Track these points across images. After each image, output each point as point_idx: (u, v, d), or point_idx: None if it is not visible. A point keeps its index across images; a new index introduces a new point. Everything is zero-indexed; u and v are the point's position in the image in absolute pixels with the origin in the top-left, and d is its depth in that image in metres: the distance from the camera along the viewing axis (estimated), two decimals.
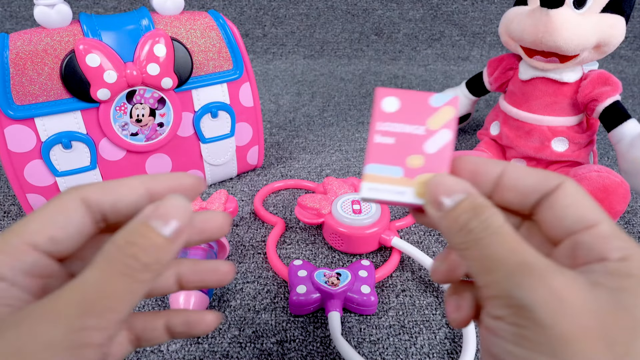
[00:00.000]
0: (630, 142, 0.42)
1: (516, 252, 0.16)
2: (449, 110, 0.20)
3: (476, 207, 0.17)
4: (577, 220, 0.17)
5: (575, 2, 0.42)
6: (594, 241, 0.17)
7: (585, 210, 0.17)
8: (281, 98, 0.75)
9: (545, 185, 0.18)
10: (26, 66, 0.37)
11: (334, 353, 0.32)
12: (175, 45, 0.41)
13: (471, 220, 0.17)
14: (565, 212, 0.18)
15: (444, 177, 0.19)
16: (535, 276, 0.15)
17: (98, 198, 0.18)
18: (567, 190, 0.18)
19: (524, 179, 0.19)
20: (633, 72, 0.90)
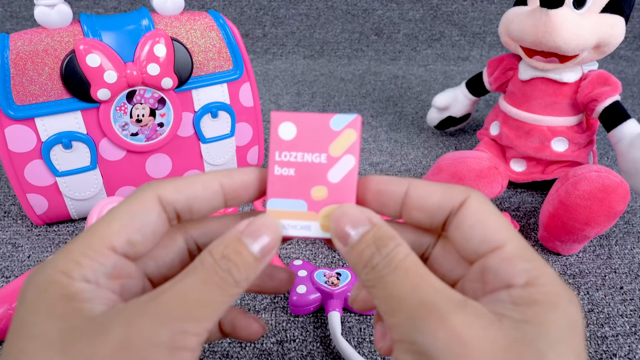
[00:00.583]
0: (630, 142, 0.42)
1: (417, 290, 0.15)
2: (350, 134, 0.19)
3: (379, 239, 0.17)
4: (482, 242, 0.17)
5: (574, 3, 0.42)
6: (499, 265, 0.16)
7: (490, 231, 0.17)
8: (281, 98, 0.75)
9: (450, 202, 0.18)
10: (26, 66, 0.37)
11: (334, 353, 0.32)
12: (176, 46, 0.41)
13: (374, 255, 0.16)
14: (471, 233, 0.17)
15: (347, 208, 0.18)
16: (435, 318, 0.15)
17: (173, 197, 0.18)
18: (472, 207, 0.17)
19: (428, 197, 0.18)
20: (633, 72, 0.90)
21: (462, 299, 0.15)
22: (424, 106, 0.72)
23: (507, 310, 0.15)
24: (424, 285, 0.15)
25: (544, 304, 0.15)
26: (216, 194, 0.18)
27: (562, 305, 0.15)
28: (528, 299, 0.15)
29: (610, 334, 0.34)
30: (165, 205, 0.18)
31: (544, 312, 0.15)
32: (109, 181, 0.43)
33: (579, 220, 0.38)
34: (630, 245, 0.43)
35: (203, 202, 0.18)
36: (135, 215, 0.17)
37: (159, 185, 0.18)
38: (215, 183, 0.18)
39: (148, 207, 0.17)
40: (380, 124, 0.66)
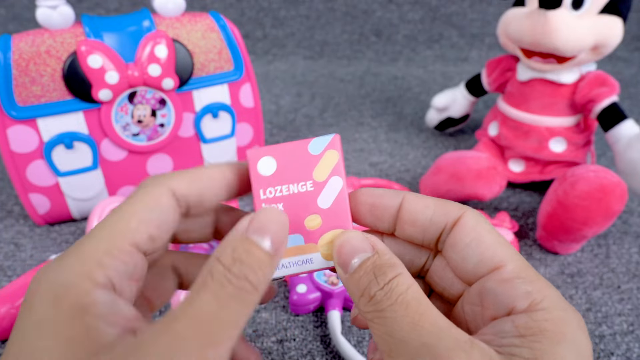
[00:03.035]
0: (628, 143, 0.42)
1: (419, 330, 0.14)
2: (331, 155, 0.18)
3: (378, 267, 0.16)
4: (479, 262, 0.16)
5: (573, 4, 0.42)
6: (498, 287, 0.15)
7: (487, 250, 0.16)
8: (281, 99, 0.75)
9: (443, 218, 0.17)
10: (29, 67, 0.37)
11: (333, 352, 0.33)
12: (177, 46, 0.41)
13: (372, 284, 0.15)
14: (467, 253, 0.16)
15: (349, 234, 0.17)
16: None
17: (186, 191, 0.17)
18: (467, 225, 0.16)
19: (422, 212, 0.17)
20: (630, 73, 0.90)
21: (467, 340, 0.14)
22: (423, 107, 0.72)
23: (514, 345, 0.14)
24: (426, 325, 0.14)
25: (550, 334, 0.14)
26: (224, 186, 0.18)
27: (570, 334, 0.14)
28: (534, 328, 0.14)
29: (607, 332, 0.35)
30: (179, 200, 0.17)
31: (553, 346, 0.14)
32: (110, 181, 0.44)
33: (577, 220, 0.38)
34: (628, 245, 0.43)
35: (212, 195, 0.18)
36: (153, 210, 0.16)
37: (171, 179, 0.17)
38: (220, 175, 0.18)
39: (164, 202, 0.16)
40: (380, 125, 0.67)
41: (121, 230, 0.15)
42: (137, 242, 0.15)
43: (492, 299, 0.16)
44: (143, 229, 0.16)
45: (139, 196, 0.16)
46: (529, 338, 0.14)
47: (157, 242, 0.16)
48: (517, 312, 0.15)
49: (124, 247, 0.15)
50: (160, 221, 0.16)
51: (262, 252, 0.15)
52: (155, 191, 0.16)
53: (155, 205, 0.16)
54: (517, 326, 0.15)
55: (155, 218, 0.16)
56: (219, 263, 0.15)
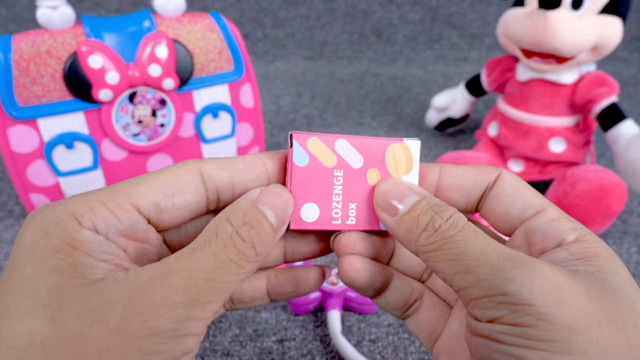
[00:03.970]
0: (627, 143, 0.42)
1: (493, 247, 0.15)
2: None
3: (436, 205, 0.16)
4: (524, 207, 0.17)
5: (572, 4, 0.42)
6: (546, 225, 0.17)
7: (529, 197, 0.17)
8: (281, 99, 0.75)
9: (485, 178, 0.18)
10: (29, 67, 0.37)
11: (333, 351, 0.33)
12: (177, 47, 0.41)
13: (435, 219, 0.16)
14: (511, 201, 0.17)
15: (394, 181, 0.18)
16: (526, 268, 0.14)
17: (216, 173, 0.16)
18: (507, 181, 0.18)
19: (463, 176, 0.18)
20: (630, 73, 0.90)
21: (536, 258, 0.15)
22: (423, 107, 0.72)
23: (575, 265, 0.15)
24: (497, 245, 0.15)
25: (605, 255, 0.15)
26: (260, 174, 0.17)
27: (616, 259, 0.16)
28: (589, 252, 0.15)
29: None
30: (206, 181, 0.16)
31: (610, 264, 0.15)
32: (110, 181, 0.44)
33: (576, 220, 0.38)
34: (627, 245, 0.43)
35: (246, 182, 0.17)
36: (170, 182, 0.16)
37: (202, 160, 0.17)
38: (259, 163, 0.17)
39: (185, 178, 0.16)
40: (380, 125, 0.67)
41: (125, 190, 0.15)
42: (138, 204, 0.15)
43: (541, 235, 0.16)
44: (150, 195, 0.15)
45: (163, 170, 0.16)
46: (587, 259, 0.15)
47: (164, 213, 0.16)
48: (566, 243, 0.16)
49: (122, 204, 0.15)
50: (175, 194, 0.16)
51: (269, 224, 0.15)
52: (182, 167, 0.16)
53: (173, 179, 0.16)
54: (572, 253, 0.16)
55: (170, 190, 0.15)
56: (228, 223, 0.15)
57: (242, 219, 0.15)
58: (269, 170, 0.17)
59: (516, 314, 0.13)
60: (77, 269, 0.13)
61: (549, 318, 0.13)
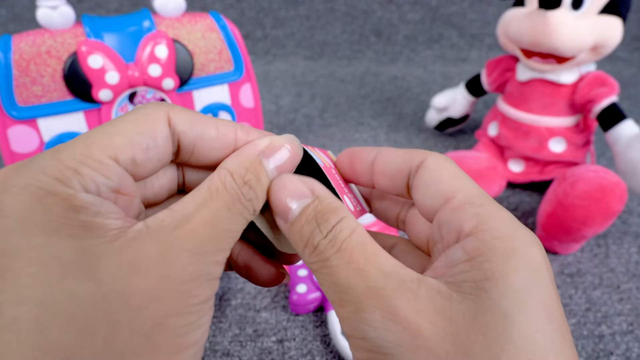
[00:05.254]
0: (627, 143, 0.42)
1: (363, 275, 0.14)
2: None
3: (320, 213, 0.15)
4: (436, 196, 0.16)
5: (572, 4, 0.42)
6: (450, 215, 0.15)
7: (444, 184, 0.16)
8: (281, 99, 0.75)
9: (409, 164, 0.17)
10: (29, 67, 0.37)
11: (333, 352, 0.33)
12: (177, 47, 0.41)
13: (315, 233, 0.14)
14: (426, 191, 0.16)
15: (287, 178, 0.15)
16: (384, 308, 0.13)
17: (183, 128, 0.15)
18: (428, 166, 0.16)
19: (392, 161, 0.17)
20: (630, 73, 0.90)
21: (415, 278, 0.14)
22: (423, 107, 0.72)
23: (464, 271, 0.14)
24: (370, 269, 0.14)
25: (500, 251, 0.13)
26: (228, 144, 0.16)
27: (520, 249, 0.14)
28: (483, 248, 0.14)
29: (607, 332, 0.35)
30: (174, 134, 0.15)
31: (502, 263, 0.13)
32: None
33: (576, 220, 0.38)
34: (627, 245, 0.43)
35: (212, 148, 0.16)
36: (143, 133, 0.14)
37: (173, 108, 0.15)
38: (230, 131, 0.16)
39: (158, 128, 0.15)
40: (380, 125, 0.67)
41: (101, 143, 0.14)
42: (117, 158, 0.14)
43: (446, 228, 0.15)
44: (127, 150, 0.14)
45: (132, 115, 0.15)
46: (478, 259, 0.13)
47: (140, 169, 0.15)
48: (464, 236, 0.14)
49: (103, 160, 0.14)
50: (148, 147, 0.14)
51: (268, 181, 0.15)
52: (151, 113, 0.15)
53: (146, 128, 0.14)
54: (466, 251, 0.14)
55: (144, 142, 0.14)
56: (233, 179, 0.15)
57: (243, 177, 0.15)
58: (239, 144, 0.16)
59: None
60: (92, 229, 0.13)
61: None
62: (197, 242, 0.13)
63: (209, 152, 0.16)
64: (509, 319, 0.12)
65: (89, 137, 0.14)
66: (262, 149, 0.15)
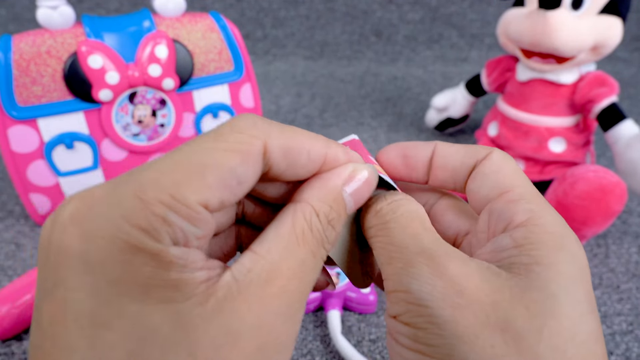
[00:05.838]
0: (627, 143, 0.42)
1: (417, 238, 0.14)
2: None
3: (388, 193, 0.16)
4: (492, 187, 0.16)
5: (572, 4, 0.42)
6: (503, 207, 0.15)
7: (504, 177, 0.16)
8: (281, 99, 0.75)
9: (473, 157, 0.17)
10: (29, 67, 0.37)
11: (333, 351, 0.33)
12: (177, 47, 0.41)
13: (380, 200, 0.16)
14: (484, 181, 0.16)
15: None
16: (434, 265, 0.13)
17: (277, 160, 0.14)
18: (491, 159, 0.17)
19: (453, 156, 0.17)
20: (630, 73, 0.90)
21: (465, 255, 0.14)
22: (423, 107, 0.72)
23: (512, 256, 0.14)
24: (425, 235, 0.14)
25: (550, 243, 0.14)
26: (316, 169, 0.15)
27: (568, 246, 0.14)
28: (532, 238, 0.14)
29: (607, 332, 0.35)
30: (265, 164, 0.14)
31: (552, 253, 0.14)
32: None
33: (576, 220, 0.38)
34: (627, 245, 0.43)
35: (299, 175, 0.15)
36: (236, 169, 0.12)
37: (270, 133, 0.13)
38: (320, 156, 0.15)
39: (252, 163, 0.13)
40: (380, 125, 0.67)
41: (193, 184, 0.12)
42: (207, 204, 0.12)
43: (496, 217, 0.15)
44: (218, 192, 0.12)
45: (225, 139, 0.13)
46: (527, 247, 0.14)
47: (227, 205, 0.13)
48: (513, 227, 0.15)
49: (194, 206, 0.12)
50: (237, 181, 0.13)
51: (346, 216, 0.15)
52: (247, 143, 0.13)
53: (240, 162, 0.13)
54: (514, 239, 0.14)
55: (234, 180, 0.13)
56: (319, 220, 0.14)
57: (327, 216, 0.14)
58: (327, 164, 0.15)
59: (411, 313, 0.13)
60: (181, 289, 0.11)
61: (438, 322, 0.13)
62: (288, 303, 0.13)
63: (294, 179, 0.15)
64: (557, 300, 0.13)
65: (178, 172, 0.12)
66: (345, 178, 0.15)
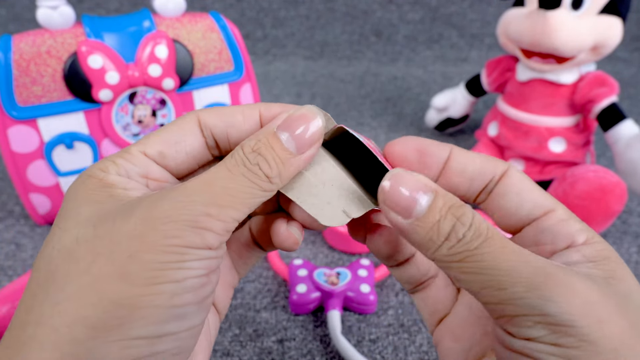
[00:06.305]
0: (627, 143, 0.42)
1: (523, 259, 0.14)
2: None
3: (454, 207, 0.15)
4: (534, 207, 0.17)
5: (572, 4, 0.42)
6: (556, 226, 0.17)
7: (538, 196, 0.17)
8: (281, 99, 0.75)
9: (492, 171, 0.17)
10: (29, 67, 0.37)
11: (333, 351, 0.33)
12: (177, 47, 0.41)
13: (457, 227, 0.15)
14: (520, 200, 0.17)
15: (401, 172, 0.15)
16: (562, 286, 0.14)
17: (212, 122, 0.18)
18: (515, 177, 0.17)
19: (470, 164, 0.18)
20: (630, 73, 0.90)
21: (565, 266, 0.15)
22: (423, 107, 0.72)
23: (589, 268, 0.15)
24: (527, 255, 0.15)
25: (614, 259, 0.16)
26: (255, 124, 0.18)
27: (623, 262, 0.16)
28: (599, 256, 0.16)
29: None
30: (203, 129, 0.18)
31: (619, 269, 0.15)
32: None
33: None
34: (627, 245, 0.43)
35: (241, 131, 0.18)
36: (172, 132, 0.18)
37: (202, 110, 0.18)
38: (255, 113, 0.18)
39: (187, 127, 0.18)
40: (380, 125, 0.67)
41: (137, 144, 0.18)
42: (145, 151, 0.17)
43: (551, 236, 0.17)
44: (155, 144, 0.18)
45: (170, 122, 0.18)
46: (599, 263, 0.15)
47: (168, 159, 0.18)
48: (576, 245, 0.16)
49: (134, 153, 0.17)
50: (176, 142, 0.18)
51: (283, 150, 0.16)
52: (183, 119, 0.18)
53: (176, 129, 0.18)
54: (584, 255, 0.16)
55: (172, 138, 0.18)
56: (241, 149, 0.16)
57: (251, 147, 0.16)
58: (264, 120, 0.18)
59: (557, 334, 0.14)
60: (115, 197, 0.16)
61: (591, 339, 0.13)
62: (183, 192, 0.15)
63: (242, 135, 0.18)
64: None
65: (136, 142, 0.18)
66: (279, 123, 0.17)
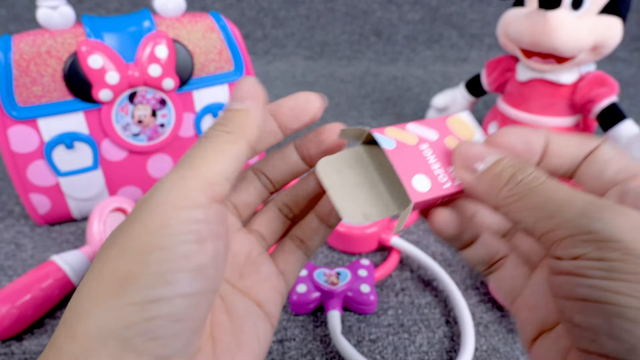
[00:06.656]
0: (627, 143, 0.42)
1: (578, 195, 0.16)
2: None
3: (517, 163, 0.18)
4: (619, 171, 0.18)
5: (572, 4, 0.42)
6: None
7: (626, 163, 0.18)
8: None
9: (588, 146, 0.19)
10: (29, 67, 0.37)
11: (333, 351, 0.33)
12: (177, 47, 0.41)
13: (517, 174, 0.17)
14: (608, 164, 0.18)
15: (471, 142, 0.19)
16: (612, 210, 0.15)
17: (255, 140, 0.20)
18: (606, 148, 0.19)
19: (568, 143, 0.19)
20: (630, 73, 0.90)
21: None
22: (423, 107, 0.72)
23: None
24: (583, 193, 0.16)
25: None
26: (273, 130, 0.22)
27: None
28: None
29: None
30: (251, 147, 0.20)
31: None
32: (110, 181, 0.44)
33: None
34: None
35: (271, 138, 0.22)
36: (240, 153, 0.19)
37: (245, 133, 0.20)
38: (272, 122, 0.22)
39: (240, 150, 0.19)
40: (380, 125, 0.67)
41: None
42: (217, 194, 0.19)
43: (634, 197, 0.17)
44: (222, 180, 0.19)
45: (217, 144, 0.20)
46: None
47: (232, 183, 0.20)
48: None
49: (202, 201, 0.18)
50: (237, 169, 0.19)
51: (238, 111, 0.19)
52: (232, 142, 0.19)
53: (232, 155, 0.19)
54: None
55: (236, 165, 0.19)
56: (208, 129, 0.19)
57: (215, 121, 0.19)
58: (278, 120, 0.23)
59: (602, 249, 0.15)
60: None
61: (637, 252, 0.14)
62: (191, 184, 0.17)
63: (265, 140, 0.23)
64: None
65: None
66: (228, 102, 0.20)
